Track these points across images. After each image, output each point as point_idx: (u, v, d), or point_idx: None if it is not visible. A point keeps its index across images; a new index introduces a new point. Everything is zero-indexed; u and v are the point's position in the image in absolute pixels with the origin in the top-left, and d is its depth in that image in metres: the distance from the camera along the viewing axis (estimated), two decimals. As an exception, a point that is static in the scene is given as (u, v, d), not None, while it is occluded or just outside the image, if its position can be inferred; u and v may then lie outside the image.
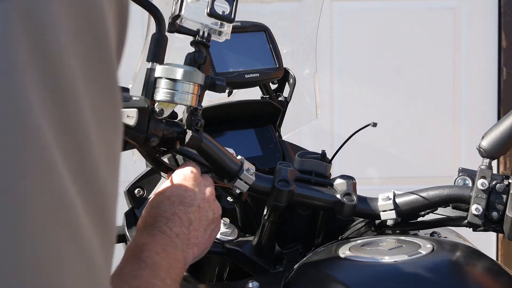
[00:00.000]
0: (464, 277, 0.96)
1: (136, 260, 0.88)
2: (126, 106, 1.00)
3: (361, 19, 2.97)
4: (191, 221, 0.98)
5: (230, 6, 1.05)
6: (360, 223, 1.18)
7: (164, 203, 0.98)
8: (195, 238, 0.98)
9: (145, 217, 0.97)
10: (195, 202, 0.99)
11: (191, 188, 1.00)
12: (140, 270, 0.86)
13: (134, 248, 0.91)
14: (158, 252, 0.90)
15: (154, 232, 0.93)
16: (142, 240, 0.92)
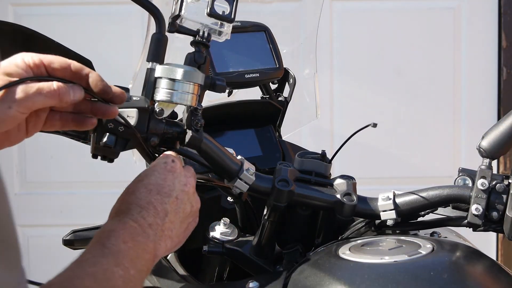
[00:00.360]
0: (464, 277, 0.96)
1: (100, 246, 0.84)
2: (126, 106, 1.00)
3: (361, 19, 2.97)
4: (166, 212, 0.94)
5: (230, 6, 1.05)
6: (360, 223, 1.18)
7: (141, 190, 0.94)
8: (169, 230, 0.94)
9: (119, 203, 0.94)
10: (173, 193, 0.96)
11: (171, 178, 0.97)
12: (102, 257, 0.82)
13: (101, 234, 0.87)
14: (126, 240, 0.86)
15: (125, 219, 0.90)
16: (111, 227, 0.88)
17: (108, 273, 0.81)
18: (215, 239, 1.17)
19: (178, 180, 0.97)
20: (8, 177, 3.00)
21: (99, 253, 0.83)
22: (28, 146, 2.98)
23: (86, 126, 0.97)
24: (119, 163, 1.10)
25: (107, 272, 0.81)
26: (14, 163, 3.00)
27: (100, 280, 0.80)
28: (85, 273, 0.79)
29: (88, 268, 0.80)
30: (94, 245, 0.85)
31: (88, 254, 0.83)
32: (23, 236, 3.04)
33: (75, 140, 1.13)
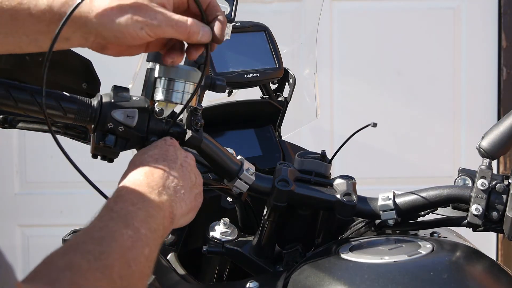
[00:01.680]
0: (464, 277, 0.96)
1: (108, 211, 0.84)
2: (126, 106, 1.00)
3: (361, 19, 2.97)
4: (175, 176, 0.93)
5: (230, 6, 1.05)
6: (360, 223, 1.18)
7: (147, 160, 0.93)
8: (181, 192, 0.93)
9: (125, 174, 0.93)
10: (177, 161, 0.95)
11: (172, 149, 0.97)
12: (110, 221, 0.82)
13: (109, 201, 0.87)
14: (135, 202, 0.86)
15: (133, 184, 0.89)
16: (118, 192, 0.88)
17: (116, 235, 0.80)
18: (215, 239, 1.17)
19: (179, 151, 0.97)
20: (8, 177, 3.00)
21: (107, 217, 0.83)
22: (28, 146, 2.98)
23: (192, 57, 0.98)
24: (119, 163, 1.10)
25: (115, 234, 0.80)
26: (14, 163, 3.00)
27: (107, 242, 0.79)
28: (90, 238, 0.79)
29: (94, 233, 0.80)
30: (102, 211, 0.85)
31: (96, 221, 0.83)
32: (23, 236, 3.04)
33: (75, 140, 1.13)
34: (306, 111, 1.57)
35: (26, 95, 0.97)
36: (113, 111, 0.99)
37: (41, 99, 0.98)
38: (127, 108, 1.00)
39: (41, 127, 1.09)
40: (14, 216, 3.02)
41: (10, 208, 3.01)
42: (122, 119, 1.00)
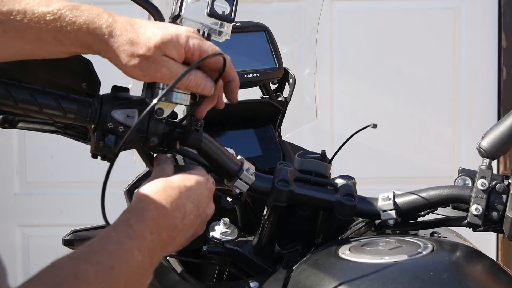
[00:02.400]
0: (464, 277, 0.96)
1: (127, 227, 0.86)
2: (126, 106, 1.00)
3: (361, 19, 2.97)
4: (193, 223, 0.97)
5: (230, 6, 1.05)
6: (360, 223, 1.18)
7: (184, 193, 0.95)
8: (187, 235, 0.97)
9: (156, 187, 0.95)
10: (204, 210, 0.99)
11: (207, 194, 0.99)
12: (126, 238, 0.84)
13: (131, 216, 0.89)
14: (153, 231, 0.88)
15: (157, 213, 0.91)
16: (145, 212, 0.90)
17: (128, 255, 0.82)
18: (215, 239, 1.17)
19: (210, 204, 1.00)
20: (8, 177, 3.00)
21: (124, 233, 0.85)
22: (28, 146, 2.98)
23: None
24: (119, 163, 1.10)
25: (127, 253, 0.82)
26: (14, 163, 3.00)
27: (118, 259, 0.81)
28: (103, 249, 0.81)
29: (108, 245, 0.82)
30: (121, 224, 0.87)
31: (112, 232, 0.85)
32: (23, 236, 3.04)
33: (75, 140, 1.13)
34: (306, 111, 1.57)
35: (26, 95, 0.97)
36: (113, 111, 1.00)
37: (41, 99, 0.98)
38: (127, 108, 1.00)
39: (41, 127, 1.09)
40: (14, 216, 3.02)
41: (10, 208, 3.01)
42: (122, 119, 1.00)
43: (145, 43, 0.94)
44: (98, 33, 0.94)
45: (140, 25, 0.96)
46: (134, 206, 0.91)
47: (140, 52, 0.94)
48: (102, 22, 0.94)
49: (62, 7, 0.93)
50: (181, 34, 0.96)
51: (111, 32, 0.94)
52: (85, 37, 0.94)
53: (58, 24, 0.93)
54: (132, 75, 0.96)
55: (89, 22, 0.94)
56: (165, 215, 0.92)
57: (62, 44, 0.94)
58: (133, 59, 0.94)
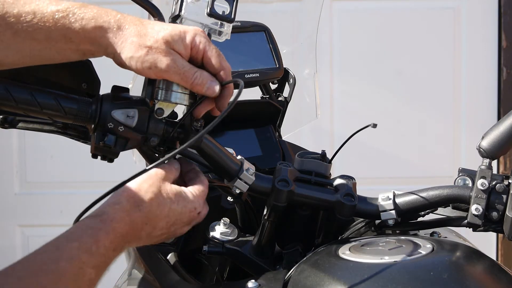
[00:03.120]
0: (464, 277, 0.96)
1: (92, 241, 0.86)
2: (126, 106, 1.00)
3: (361, 19, 2.97)
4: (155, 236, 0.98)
5: (230, 6, 1.05)
6: (360, 223, 1.18)
7: (161, 216, 0.96)
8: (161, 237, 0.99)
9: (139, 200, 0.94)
10: (176, 228, 0.99)
11: (186, 221, 1.00)
12: (86, 254, 0.84)
13: (103, 226, 0.89)
14: (116, 248, 0.90)
15: (129, 222, 0.92)
16: (119, 225, 0.90)
17: (80, 273, 0.83)
18: (215, 239, 1.17)
19: (185, 228, 1.01)
20: (8, 177, 3.00)
21: (86, 247, 0.85)
22: (28, 146, 2.98)
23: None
24: (119, 163, 1.10)
25: (80, 271, 0.83)
26: (14, 163, 3.00)
27: (67, 277, 0.81)
28: (55, 265, 0.81)
29: (62, 262, 0.81)
30: (88, 233, 0.87)
31: (74, 242, 0.85)
32: (23, 236, 3.04)
33: (75, 140, 1.13)
34: (306, 111, 1.57)
35: (26, 95, 0.97)
36: (113, 111, 1.00)
37: (41, 99, 0.98)
38: (127, 108, 1.00)
39: (41, 127, 1.09)
40: (14, 216, 3.02)
41: (10, 208, 3.01)
42: (122, 119, 1.00)
43: (154, 36, 0.95)
44: (106, 27, 0.95)
45: (149, 22, 0.98)
46: (111, 209, 0.92)
47: (148, 43, 0.95)
48: (110, 17, 0.96)
49: (71, 5, 0.95)
50: (188, 30, 0.98)
51: (120, 25, 0.95)
52: (94, 32, 0.94)
53: (66, 21, 0.94)
54: (137, 68, 0.96)
55: (97, 16, 0.95)
56: (136, 229, 0.93)
57: (71, 41, 0.95)
58: (140, 49, 0.95)
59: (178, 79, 0.97)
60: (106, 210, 0.92)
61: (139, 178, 0.96)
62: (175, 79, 0.97)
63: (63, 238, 0.86)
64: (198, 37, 0.98)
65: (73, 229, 0.88)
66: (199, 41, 0.98)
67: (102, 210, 0.92)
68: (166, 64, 0.95)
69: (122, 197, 0.94)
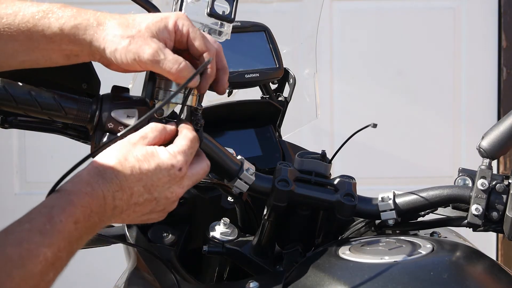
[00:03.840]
0: (464, 277, 0.96)
1: (44, 219, 0.82)
2: (126, 106, 1.00)
3: (361, 19, 2.97)
4: (137, 204, 0.92)
5: (230, 6, 1.05)
6: (360, 223, 1.18)
7: (132, 176, 0.90)
8: (127, 215, 0.93)
9: (104, 164, 0.90)
10: (156, 195, 0.93)
11: (167, 184, 0.93)
12: (38, 234, 0.80)
13: (57, 201, 0.85)
14: (79, 220, 0.84)
15: (98, 190, 0.87)
16: (75, 197, 0.85)
17: (30, 255, 0.77)
18: (215, 239, 1.17)
19: (171, 189, 0.94)
20: (8, 177, 3.00)
21: (38, 226, 0.81)
22: (28, 146, 2.98)
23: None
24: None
25: (31, 252, 0.78)
26: (14, 163, 3.00)
27: (13, 263, 0.76)
28: (2, 252, 0.76)
29: (8, 248, 0.77)
30: (42, 212, 0.83)
31: (25, 224, 0.81)
32: (23, 236, 3.04)
33: (75, 140, 1.13)
34: (306, 111, 1.57)
35: (26, 95, 0.97)
36: (113, 111, 1.00)
37: (41, 99, 0.98)
38: (127, 108, 1.00)
39: (41, 127, 1.09)
40: (14, 216, 3.00)
41: (10, 208, 3.01)
42: (122, 119, 1.00)
43: (136, 26, 0.95)
44: (86, 24, 0.94)
45: (129, 14, 0.97)
46: (69, 184, 0.87)
47: (130, 33, 0.94)
48: (89, 15, 0.95)
49: (51, 6, 0.94)
50: (170, 15, 0.97)
51: (100, 21, 0.95)
52: (73, 30, 0.94)
53: (46, 21, 0.94)
54: (123, 61, 0.94)
55: (76, 15, 0.95)
56: (106, 198, 0.87)
57: (52, 41, 0.94)
58: (123, 40, 0.94)
59: (162, 70, 0.95)
60: (64, 186, 0.87)
61: (108, 149, 0.92)
62: (158, 69, 0.95)
63: (16, 222, 0.82)
64: (180, 20, 0.97)
65: (29, 212, 0.85)
66: (182, 24, 0.97)
67: (61, 187, 0.87)
68: (150, 54, 0.94)
69: (83, 170, 0.90)
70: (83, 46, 0.95)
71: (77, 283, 2.69)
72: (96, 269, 2.87)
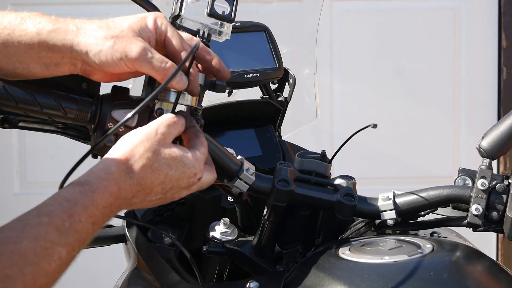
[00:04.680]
0: (464, 277, 0.96)
1: (64, 216, 0.79)
2: (126, 106, 1.00)
3: (361, 19, 2.97)
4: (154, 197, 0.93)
5: (230, 6, 1.05)
6: (360, 223, 1.18)
7: (154, 175, 0.91)
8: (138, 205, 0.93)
9: (127, 157, 0.89)
10: (175, 188, 0.94)
11: (183, 181, 0.94)
12: (56, 232, 0.78)
13: (80, 197, 0.82)
14: (97, 221, 0.83)
15: (117, 185, 0.86)
16: (97, 196, 0.84)
17: (45, 253, 0.75)
18: (215, 239, 1.17)
19: (182, 192, 0.96)
20: (8, 177, 3.00)
21: (57, 223, 0.79)
22: (28, 146, 2.98)
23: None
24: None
25: (46, 251, 0.76)
26: (14, 163, 3.00)
27: (27, 259, 0.74)
28: (16, 246, 0.74)
29: (24, 242, 0.74)
30: (61, 207, 0.81)
31: (44, 217, 0.79)
32: (23, 236, 3.04)
33: (75, 140, 1.13)
34: (306, 111, 1.57)
35: (26, 95, 0.97)
36: (113, 111, 1.00)
37: (41, 99, 0.98)
38: (127, 108, 1.00)
39: (41, 127, 1.09)
40: (14, 216, 3.01)
41: (10, 208, 3.01)
42: (122, 119, 1.00)
43: (118, 26, 0.93)
44: (65, 29, 0.93)
45: (108, 18, 0.96)
46: (96, 179, 0.85)
47: (114, 33, 0.93)
48: (68, 21, 0.94)
49: (30, 13, 0.93)
50: (148, 15, 0.97)
51: (79, 25, 0.93)
52: (51, 35, 0.92)
53: (24, 27, 0.92)
54: (108, 62, 0.92)
55: (55, 21, 0.93)
56: (126, 197, 0.87)
57: (30, 47, 0.92)
58: (107, 41, 0.92)
59: (149, 69, 0.94)
60: (89, 180, 0.85)
61: (135, 140, 0.91)
62: (146, 69, 0.94)
63: (35, 211, 0.80)
64: (159, 19, 0.97)
65: (48, 200, 0.83)
66: (161, 22, 0.96)
67: (86, 179, 0.85)
68: (137, 52, 0.92)
69: (112, 162, 0.88)
70: (63, 53, 0.93)
71: (77, 283, 2.69)
72: (96, 269, 2.87)
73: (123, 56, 0.92)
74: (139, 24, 0.95)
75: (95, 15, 0.97)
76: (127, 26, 0.94)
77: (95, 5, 2.91)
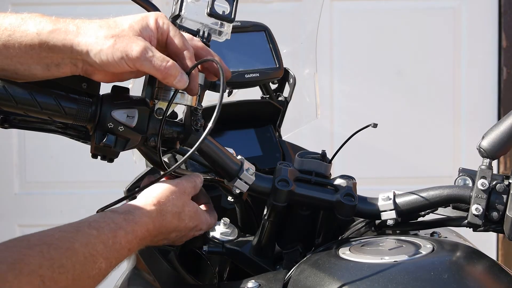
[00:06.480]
0: (464, 277, 0.96)
1: (110, 234, 0.91)
2: (126, 106, 1.00)
3: (361, 19, 2.97)
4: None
5: (230, 6, 1.05)
6: (360, 223, 1.18)
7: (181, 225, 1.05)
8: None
9: (163, 202, 1.01)
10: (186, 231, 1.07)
11: (196, 226, 1.08)
12: (102, 245, 0.88)
13: (123, 224, 0.94)
14: (132, 246, 0.94)
15: (150, 225, 0.98)
16: (138, 227, 0.96)
17: (91, 259, 0.85)
18: (215, 239, 1.17)
19: (184, 237, 1.08)
20: (8, 177, 3.00)
21: (103, 238, 0.88)
22: (28, 146, 2.98)
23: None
24: (119, 163, 1.10)
25: (93, 257, 0.86)
26: (14, 163, 3.00)
27: (78, 257, 0.84)
28: (70, 244, 0.85)
29: (76, 244, 0.85)
30: (109, 227, 0.91)
31: (94, 230, 0.88)
32: (23, 236, 3.04)
33: (75, 140, 1.13)
34: (306, 111, 1.57)
35: (26, 95, 0.97)
36: (113, 111, 1.00)
37: (41, 99, 0.98)
38: (127, 108, 1.00)
39: (41, 127, 1.09)
40: (14, 216, 3.02)
41: (10, 208, 3.01)
42: (122, 119, 1.00)
43: (118, 25, 0.94)
44: (65, 30, 0.93)
45: (108, 18, 0.96)
46: (138, 211, 0.96)
47: (114, 32, 0.93)
48: (68, 21, 0.94)
49: (30, 14, 0.94)
50: (149, 15, 0.97)
51: (79, 25, 0.93)
52: (51, 36, 0.92)
53: (24, 27, 0.93)
54: (109, 61, 0.93)
55: (55, 21, 0.94)
56: (152, 235, 0.99)
57: (31, 47, 0.93)
58: (108, 40, 0.92)
59: (151, 68, 0.94)
60: (132, 211, 0.96)
61: (170, 187, 1.02)
62: (147, 68, 0.94)
63: (85, 223, 0.89)
64: (160, 19, 0.97)
65: (97, 217, 0.91)
66: (162, 22, 0.97)
67: (129, 210, 0.96)
68: (138, 51, 0.92)
69: (152, 201, 0.99)
70: (63, 53, 0.93)
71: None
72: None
73: (124, 55, 0.92)
74: (140, 23, 0.95)
75: (95, 15, 0.97)
76: (128, 26, 0.94)
77: (95, 5, 2.91)
